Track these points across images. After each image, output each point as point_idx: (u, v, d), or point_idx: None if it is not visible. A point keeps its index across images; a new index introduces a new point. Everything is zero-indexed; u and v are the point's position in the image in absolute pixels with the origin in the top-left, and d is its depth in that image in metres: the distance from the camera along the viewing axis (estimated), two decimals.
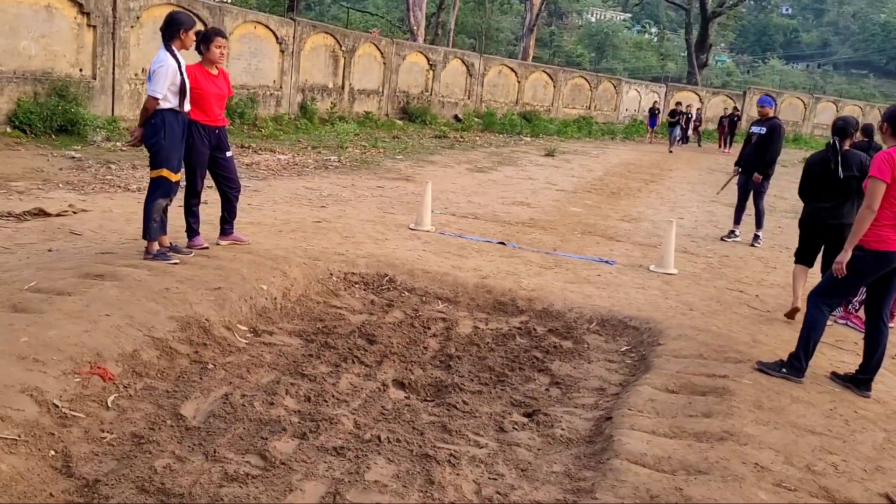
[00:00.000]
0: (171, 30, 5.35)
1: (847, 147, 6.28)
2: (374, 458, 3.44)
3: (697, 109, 34.31)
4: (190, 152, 5.84)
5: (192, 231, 6.07)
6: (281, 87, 19.02)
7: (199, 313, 4.74)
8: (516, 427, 4.00)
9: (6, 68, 11.92)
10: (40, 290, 4.60)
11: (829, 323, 5.46)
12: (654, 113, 32.17)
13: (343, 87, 21.70)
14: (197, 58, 5.88)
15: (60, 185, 8.93)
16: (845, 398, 4.55)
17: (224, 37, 5.88)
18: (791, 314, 6.28)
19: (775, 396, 4.36)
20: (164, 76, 5.23)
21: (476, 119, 27.17)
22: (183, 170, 5.93)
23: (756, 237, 9.94)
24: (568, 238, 9.10)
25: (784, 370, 4.68)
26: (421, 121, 24.39)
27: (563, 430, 4.03)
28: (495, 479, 3.39)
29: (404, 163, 15.14)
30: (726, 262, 8.65)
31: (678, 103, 31.54)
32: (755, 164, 9.66)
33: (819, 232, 6.24)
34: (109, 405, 3.62)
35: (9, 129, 11.75)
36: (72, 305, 4.33)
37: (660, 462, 3.49)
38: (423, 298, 6.26)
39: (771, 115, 9.81)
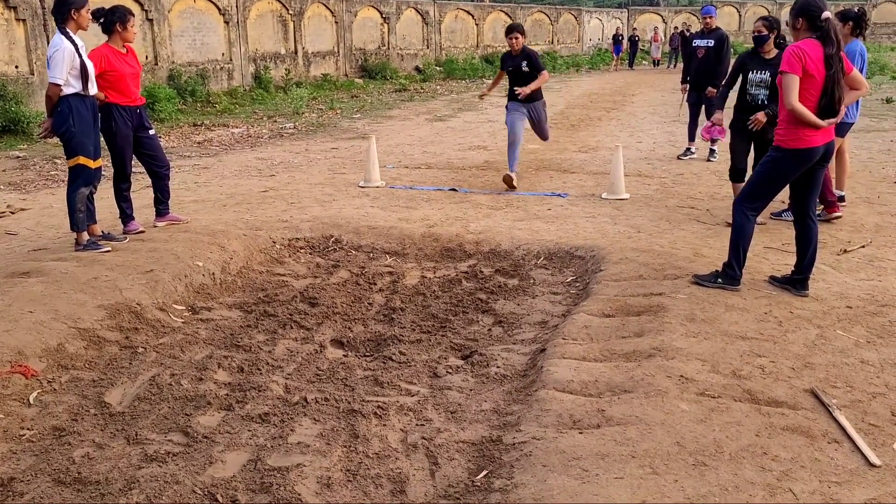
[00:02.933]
0: (63, 10, 5.16)
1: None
2: (300, 421, 3.42)
3: (655, 29, 33.96)
4: (113, 136, 5.72)
5: (125, 216, 5.98)
6: (231, 60, 18.66)
7: (130, 298, 4.68)
8: (450, 371, 3.98)
9: None
10: None
11: (760, 222, 5.47)
12: (617, 40, 31.83)
13: (296, 52, 21.31)
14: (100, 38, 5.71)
15: (2, 186, 8.77)
16: (782, 300, 4.55)
17: (134, 14, 5.69)
18: None
19: (709, 307, 4.35)
20: (62, 61, 5.07)
21: (437, 68, 26.80)
22: (108, 156, 5.83)
23: (712, 151, 9.88)
24: (521, 176, 9.00)
25: (719, 280, 4.67)
26: (381, 77, 24.02)
27: (498, 367, 4.01)
28: (422, 425, 3.38)
29: (362, 121, 14.94)
30: (680, 181, 8.60)
31: (634, 28, 31.25)
32: (707, 78, 9.53)
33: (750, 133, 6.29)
34: (31, 402, 3.58)
35: None
36: None
37: (586, 386, 3.49)
38: (371, 255, 6.21)
39: (714, 25, 9.66)
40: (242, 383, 3.83)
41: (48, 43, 13.24)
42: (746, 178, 5.96)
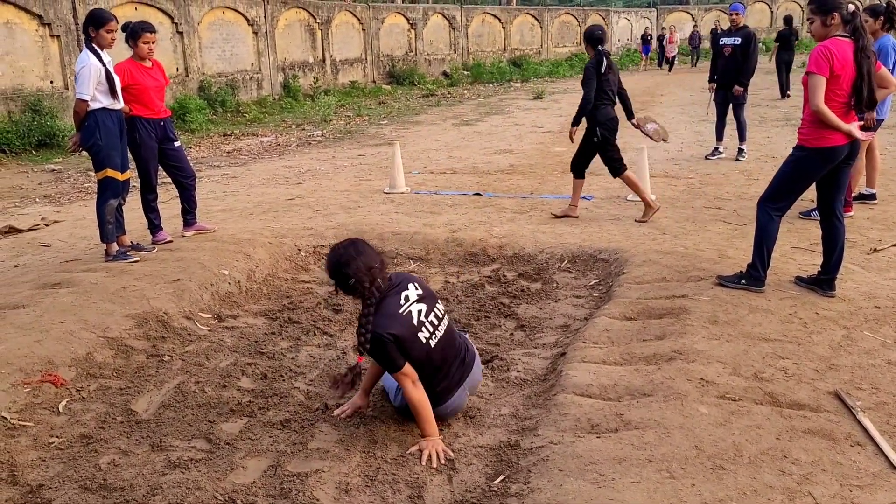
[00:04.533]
0: (85, 30, 5.30)
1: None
2: (321, 427, 3.45)
3: (671, 28, 33.39)
4: (138, 148, 5.84)
5: (154, 227, 6.09)
6: (260, 70, 18.90)
7: (157, 307, 4.77)
8: None
9: None
10: None
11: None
12: (645, 39, 31.59)
13: (324, 60, 21.52)
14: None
15: (38, 199, 8.99)
16: (808, 301, 4.48)
17: (152, 31, 5.80)
18: None
19: (733, 309, 4.30)
20: (88, 77, 5.20)
21: (464, 72, 26.86)
22: (134, 167, 5.95)
23: (740, 151, 9.76)
24: (546, 180, 9.00)
25: (743, 281, 4.61)
26: (409, 82, 24.15)
27: (518, 371, 4.02)
28: (441, 430, 3.39)
29: (389, 127, 15.03)
30: (707, 181, 8.51)
31: (662, 28, 30.96)
32: (734, 76, 9.44)
33: None
34: (61, 410, 3.67)
35: None
36: (24, 318, 4.38)
37: (605, 390, 3.47)
38: (395, 260, 6.25)
39: (742, 23, 9.55)
40: (265, 390, 3.89)
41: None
42: None
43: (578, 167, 7.02)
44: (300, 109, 18.29)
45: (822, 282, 4.61)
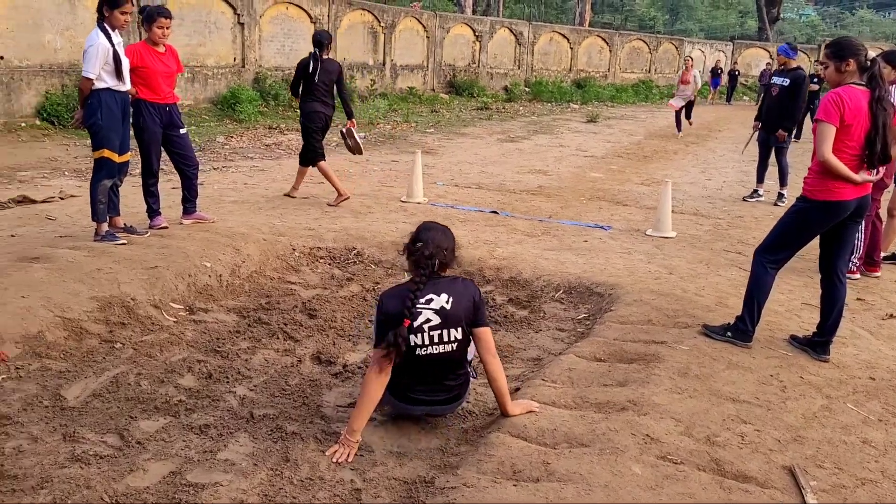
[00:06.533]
0: (100, 8, 5.31)
1: None
2: (238, 436, 3.31)
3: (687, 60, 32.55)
4: (141, 132, 5.83)
5: (152, 211, 6.07)
6: None
7: (126, 293, 4.71)
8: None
9: (32, 62, 12.29)
10: None
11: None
12: (716, 73, 30.86)
13: (384, 64, 21.57)
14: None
15: (66, 172, 9.14)
16: (796, 363, 4.15)
17: (167, 17, 5.79)
18: None
19: (710, 363, 4.01)
20: (96, 56, 5.20)
21: (525, 89, 26.64)
22: (137, 150, 5.94)
23: (780, 196, 9.34)
24: (570, 204, 8.74)
25: (729, 334, 4.31)
26: (468, 94, 24.04)
27: (468, 402, 3.80)
28: (361, 456, 3.20)
29: (433, 136, 14.92)
30: (737, 223, 8.13)
31: (735, 63, 30.22)
32: (778, 118, 9.04)
33: None
34: None
35: (37, 122, 12.13)
36: None
37: (542, 435, 3.24)
38: (389, 271, 6.10)
39: (794, 65, 9.14)
40: (202, 390, 3.77)
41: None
42: None
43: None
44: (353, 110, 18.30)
45: (816, 344, 4.27)
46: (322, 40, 7.65)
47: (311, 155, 7.88)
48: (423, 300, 3.26)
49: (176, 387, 3.79)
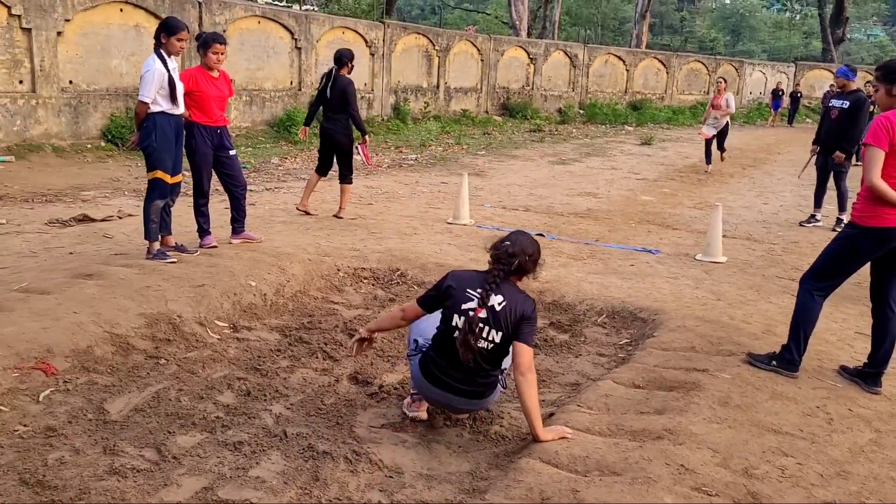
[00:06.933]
0: (157, 35, 5.51)
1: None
2: (271, 454, 3.35)
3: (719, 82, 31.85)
4: (193, 153, 6.01)
5: (202, 230, 6.23)
6: (372, 90, 19.32)
7: (173, 310, 4.83)
8: (448, 423, 3.79)
9: (99, 86, 12.79)
10: (28, 290, 4.84)
11: None
12: (777, 95, 30.28)
13: (438, 86, 21.78)
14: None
15: (126, 192, 9.45)
16: (844, 395, 4.01)
17: (222, 43, 5.98)
18: None
19: (752, 392, 3.90)
20: (152, 81, 5.39)
21: (579, 111, 26.55)
22: (189, 171, 6.12)
23: (839, 221, 9.08)
24: (618, 228, 8.65)
25: (774, 363, 4.19)
26: (521, 116, 24.08)
27: (501, 426, 3.79)
28: (390, 478, 3.21)
29: (484, 158, 14.97)
30: (792, 249, 7.93)
31: (797, 84, 29.62)
32: (836, 141, 8.82)
33: None
34: (40, 399, 3.73)
35: (102, 144, 12.60)
36: (44, 304, 4.52)
37: (574, 461, 3.20)
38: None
39: (854, 87, 8.91)
40: (239, 407, 3.83)
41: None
42: None
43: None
44: (405, 132, 18.54)
45: (867, 375, 4.13)
46: (341, 58, 7.84)
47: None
48: (479, 289, 3.47)
49: (214, 403, 3.87)
